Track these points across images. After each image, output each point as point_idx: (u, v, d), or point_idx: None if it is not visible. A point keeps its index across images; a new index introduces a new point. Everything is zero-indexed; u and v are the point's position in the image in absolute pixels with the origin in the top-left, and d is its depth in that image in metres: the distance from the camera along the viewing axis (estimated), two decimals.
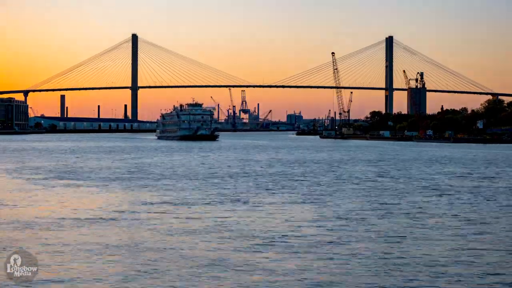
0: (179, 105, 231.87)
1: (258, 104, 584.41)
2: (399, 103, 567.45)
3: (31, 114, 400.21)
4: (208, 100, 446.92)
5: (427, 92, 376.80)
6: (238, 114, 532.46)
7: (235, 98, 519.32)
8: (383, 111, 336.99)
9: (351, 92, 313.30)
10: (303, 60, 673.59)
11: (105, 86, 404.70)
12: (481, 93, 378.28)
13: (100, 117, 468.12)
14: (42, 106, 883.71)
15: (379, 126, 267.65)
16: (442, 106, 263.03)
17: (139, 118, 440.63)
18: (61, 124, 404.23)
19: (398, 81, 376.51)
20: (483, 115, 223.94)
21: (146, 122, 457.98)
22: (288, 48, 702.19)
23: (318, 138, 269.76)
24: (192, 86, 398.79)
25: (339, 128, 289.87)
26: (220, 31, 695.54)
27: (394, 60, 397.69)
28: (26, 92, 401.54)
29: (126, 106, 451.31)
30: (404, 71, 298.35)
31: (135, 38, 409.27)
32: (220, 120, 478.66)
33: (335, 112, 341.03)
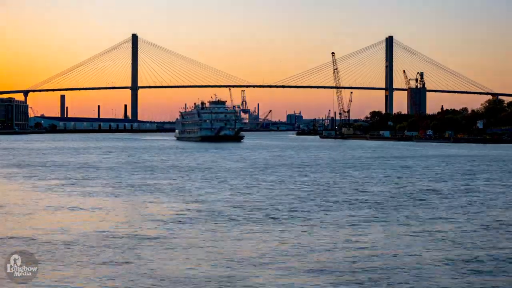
0: (200, 102, 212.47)
1: (258, 104, 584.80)
2: (399, 103, 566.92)
3: (31, 114, 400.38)
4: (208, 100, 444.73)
5: (427, 92, 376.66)
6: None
7: (235, 98, 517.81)
8: (383, 111, 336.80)
9: (351, 92, 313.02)
10: (303, 60, 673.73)
11: (105, 86, 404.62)
12: (481, 93, 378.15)
13: (100, 117, 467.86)
14: (42, 106, 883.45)
15: (379, 126, 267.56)
16: (442, 106, 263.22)
17: (139, 118, 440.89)
18: (61, 124, 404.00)
19: (398, 81, 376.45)
20: (483, 115, 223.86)
21: (146, 122, 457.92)
22: (288, 48, 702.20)
23: (318, 138, 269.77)
24: (192, 86, 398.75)
25: (339, 128, 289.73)
26: (220, 31, 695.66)
27: (394, 60, 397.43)
28: (26, 92, 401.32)
29: (126, 106, 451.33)
30: (404, 71, 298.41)
31: (135, 38, 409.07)
32: None
33: (335, 112, 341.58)
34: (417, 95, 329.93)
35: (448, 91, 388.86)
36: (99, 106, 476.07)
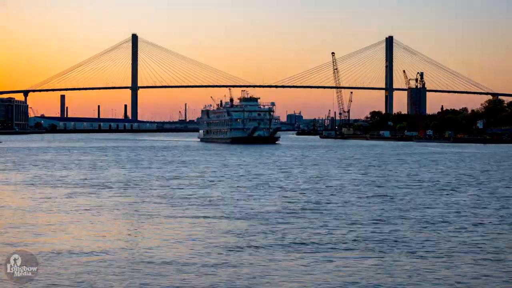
0: (229, 99, 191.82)
1: None
2: (399, 103, 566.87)
3: (31, 114, 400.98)
4: (208, 100, 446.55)
5: (427, 92, 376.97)
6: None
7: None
8: (383, 111, 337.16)
9: (351, 92, 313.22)
10: (303, 60, 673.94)
11: (105, 86, 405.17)
12: (481, 93, 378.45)
13: (100, 117, 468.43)
14: (42, 106, 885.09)
15: (379, 126, 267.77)
16: (442, 106, 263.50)
17: (139, 118, 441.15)
18: (61, 124, 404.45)
19: (398, 81, 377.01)
20: (483, 115, 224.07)
21: (146, 122, 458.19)
22: (288, 48, 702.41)
23: (318, 138, 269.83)
24: (192, 86, 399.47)
25: (339, 128, 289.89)
26: (220, 31, 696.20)
27: (394, 60, 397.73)
28: (26, 92, 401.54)
29: (126, 106, 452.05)
30: (404, 71, 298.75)
31: (135, 38, 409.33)
32: None
33: (335, 112, 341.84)
34: (417, 95, 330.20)
35: (448, 91, 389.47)
36: (99, 106, 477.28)
